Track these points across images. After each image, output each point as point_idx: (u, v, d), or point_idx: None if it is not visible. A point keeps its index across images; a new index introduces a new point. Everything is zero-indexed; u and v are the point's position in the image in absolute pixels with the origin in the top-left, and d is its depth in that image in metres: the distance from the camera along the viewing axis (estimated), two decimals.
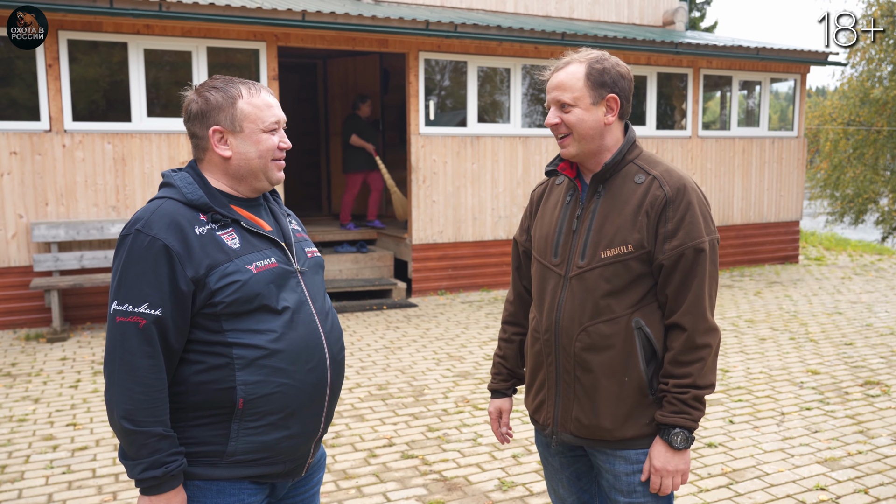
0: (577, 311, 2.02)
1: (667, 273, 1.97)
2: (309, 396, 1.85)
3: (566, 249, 2.07)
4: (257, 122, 1.85)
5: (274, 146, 1.88)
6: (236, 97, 1.85)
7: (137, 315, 1.71)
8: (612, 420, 2.01)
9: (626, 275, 1.98)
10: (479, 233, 9.26)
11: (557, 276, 2.08)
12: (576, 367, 2.03)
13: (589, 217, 2.05)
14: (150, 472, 1.70)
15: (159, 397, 1.72)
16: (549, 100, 2.05)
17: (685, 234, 1.95)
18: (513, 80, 9.35)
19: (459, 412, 4.99)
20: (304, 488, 2.03)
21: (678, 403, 1.95)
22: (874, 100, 20.09)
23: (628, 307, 1.99)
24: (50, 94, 7.21)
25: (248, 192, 1.93)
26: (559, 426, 2.10)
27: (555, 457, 2.24)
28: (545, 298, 2.11)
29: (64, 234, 7.17)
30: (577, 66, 2.02)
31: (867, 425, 4.73)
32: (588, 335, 2.00)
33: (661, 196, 1.98)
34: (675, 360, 1.96)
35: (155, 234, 1.74)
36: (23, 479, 3.95)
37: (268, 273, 1.82)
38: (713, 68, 10.78)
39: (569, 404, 2.07)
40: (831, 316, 7.92)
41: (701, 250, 1.95)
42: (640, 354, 1.99)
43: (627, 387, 2.00)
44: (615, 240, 1.98)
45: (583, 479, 2.24)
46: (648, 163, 2.06)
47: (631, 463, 2.04)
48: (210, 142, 1.86)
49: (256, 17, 7.52)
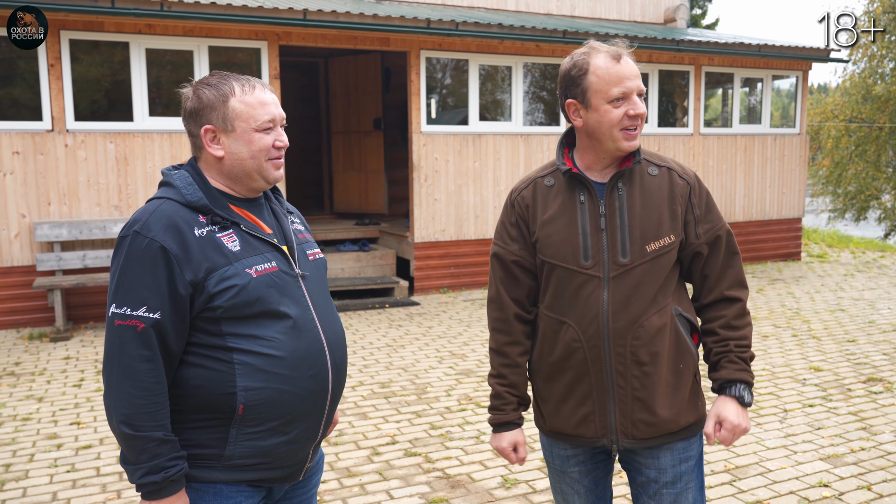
0: (630, 309, 1.96)
1: (707, 255, 2.04)
2: (310, 403, 1.82)
3: (598, 250, 1.98)
4: (249, 120, 1.79)
5: (267, 146, 1.82)
6: (228, 95, 1.80)
7: (136, 318, 1.68)
8: (675, 411, 2.02)
9: (667, 264, 2.00)
10: (481, 231, 9.26)
11: (594, 279, 1.98)
12: (631, 366, 1.97)
13: (617, 214, 1.98)
14: (150, 476, 1.68)
15: (159, 401, 1.69)
16: (633, 87, 1.95)
17: (713, 217, 2.05)
18: (514, 78, 9.35)
19: (462, 410, 5.00)
20: (301, 490, 2.01)
21: (741, 362, 2.00)
22: (876, 96, 20.05)
23: (669, 296, 2.01)
24: (52, 94, 7.22)
25: (245, 191, 1.87)
26: (619, 434, 2.02)
27: (575, 467, 2.14)
28: (579, 304, 1.99)
29: (67, 234, 7.19)
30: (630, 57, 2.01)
31: (870, 422, 4.73)
32: (645, 330, 1.97)
33: (685, 185, 2.03)
34: (730, 325, 2.03)
35: (153, 236, 1.70)
36: (27, 478, 3.97)
37: (268, 277, 1.78)
38: (715, 65, 10.77)
39: (627, 408, 1.99)
40: (834, 313, 7.92)
41: (729, 231, 2.07)
42: (688, 339, 2.03)
43: (683, 374, 2.03)
44: (660, 232, 1.98)
45: (599, 486, 2.19)
46: (654, 157, 2.07)
47: (678, 453, 2.06)
48: (203, 141, 1.82)
49: (258, 16, 7.53)
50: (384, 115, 10.75)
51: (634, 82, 1.95)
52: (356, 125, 11.05)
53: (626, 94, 1.93)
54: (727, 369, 2.00)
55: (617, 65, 1.94)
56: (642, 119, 1.98)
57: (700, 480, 2.12)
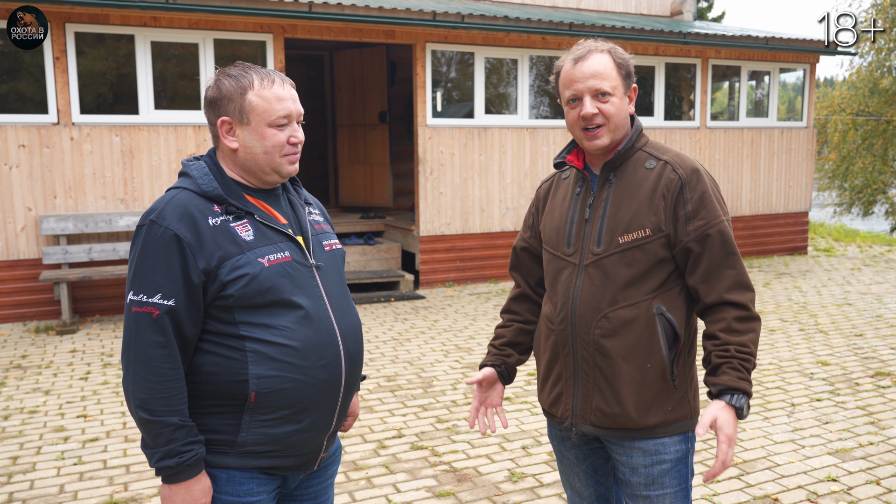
0: (597, 298, 1.98)
1: (697, 255, 1.95)
2: (322, 392, 1.84)
3: (579, 239, 2.04)
4: (264, 115, 1.80)
5: (281, 142, 1.83)
6: (247, 88, 1.81)
7: (151, 305, 1.71)
8: (634, 407, 1.97)
9: (645, 259, 1.96)
10: (487, 224, 9.24)
11: (571, 266, 2.05)
12: (595, 354, 1.99)
13: (602, 205, 2.02)
14: (165, 461, 1.71)
15: (175, 387, 1.72)
16: (583, 88, 1.95)
17: (707, 213, 1.95)
18: (520, 71, 9.31)
19: (468, 403, 4.99)
20: (317, 480, 2.03)
21: (742, 370, 1.89)
22: (883, 90, 19.93)
23: (648, 292, 1.97)
24: (58, 87, 7.21)
25: (259, 183, 1.89)
26: (579, 417, 2.06)
27: (571, 450, 2.20)
28: (558, 289, 2.07)
29: (72, 227, 7.19)
30: (604, 56, 1.97)
31: (878, 416, 4.71)
32: (608, 321, 1.96)
33: (676, 179, 1.97)
34: (731, 329, 1.92)
35: (168, 225, 1.73)
36: (34, 471, 3.97)
37: (280, 266, 1.80)
38: (721, 58, 10.71)
39: (588, 394, 2.03)
40: (841, 307, 7.89)
41: (724, 230, 1.95)
42: (662, 340, 1.96)
43: (649, 373, 1.97)
44: (632, 224, 1.96)
45: (599, 472, 2.20)
46: (657, 149, 2.05)
47: (649, 455, 2.02)
48: (220, 131, 1.84)
49: (263, 9, 7.51)
50: (389, 108, 10.73)
51: (585, 84, 1.95)
52: (361, 118, 11.03)
53: (577, 96, 1.97)
54: (729, 375, 1.89)
55: (572, 67, 1.98)
56: (603, 118, 1.96)
57: (682, 487, 2.04)
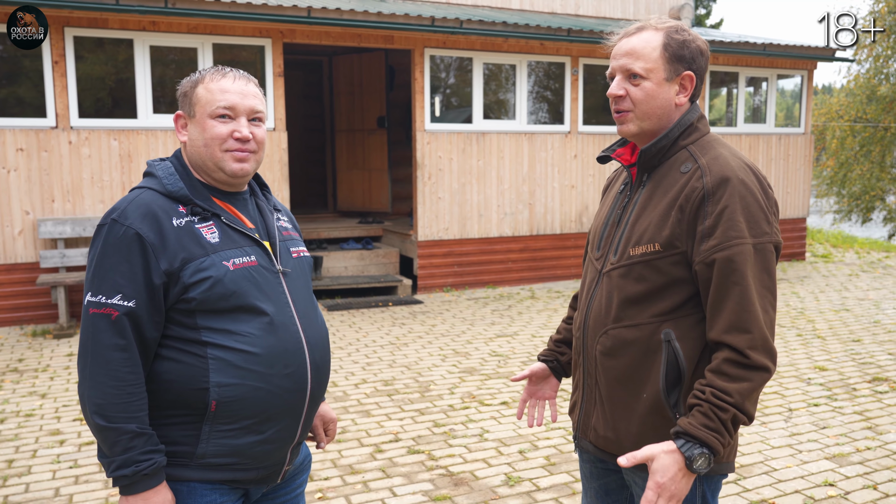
0: (603, 311, 1.82)
1: (705, 281, 1.68)
2: (286, 402, 1.76)
3: (607, 243, 1.88)
4: (206, 106, 1.76)
5: (221, 135, 1.75)
6: (198, 82, 1.78)
7: (110, 307, 1.64)
8: (625, 435, 1.79)
9: (657, 277, 1.73)
10: (485, 230, 9.25)
11: (595, 272, 1.90)
12: (597, 370, 1.85)
13: (631, 209, 1.83)
14: (121, 470, 1.62)
15: (133, 392, 1.64)
16: (615, 67, 1.78)
17: (723, 233, 1.65)
18: (518, 77, 9.33)
19: (465, 408, 4.98)
20: (283, 491, 1.95)
21: (715, 419, 1.61)
22: (881, 97, 20.01)
23: (657, 315, 1.74)
24: (56, 91, 7.22)
25: (216, 182, 1.81)
26: (580, 432, 1.94)
27: (586, 463, 2.04)
28: (583, 294, 1.94)
29: (70, 231, 7.19)
30: (654, 34, 1.77)
31: (875, 421, 4.70)
32: (608, 338, 1.80)
33: (699, 189, 1.69)
34: (720, 372, 1.64)
35: (130, 224, 1.67)
36: (30, 474, 3.96)
37: (245, 271, 1.73)
38: (719, 65, 10.74)
39: (590, 410, 1.89)
40: (838, 313, 7.89)
41: (734, 256, 1.64)
42: (661, 371, 1.72)
43: (643, 403, 1.76)
44: (644, 237, 1.75)
45: (611, 496, 2.01)
46: (701, 149, 1.76)
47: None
48: (176, 126, 1.83)
49: (262, 14, 7.52)
50: (388, 113, 10.75)
51: (618, 61, 1.78)
52: (360, 123, 11.05)
53: (612, 74, 1.82)
54: (693, 419, 1.62)
55: (617, 42, 1.82)
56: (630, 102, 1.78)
57: None
